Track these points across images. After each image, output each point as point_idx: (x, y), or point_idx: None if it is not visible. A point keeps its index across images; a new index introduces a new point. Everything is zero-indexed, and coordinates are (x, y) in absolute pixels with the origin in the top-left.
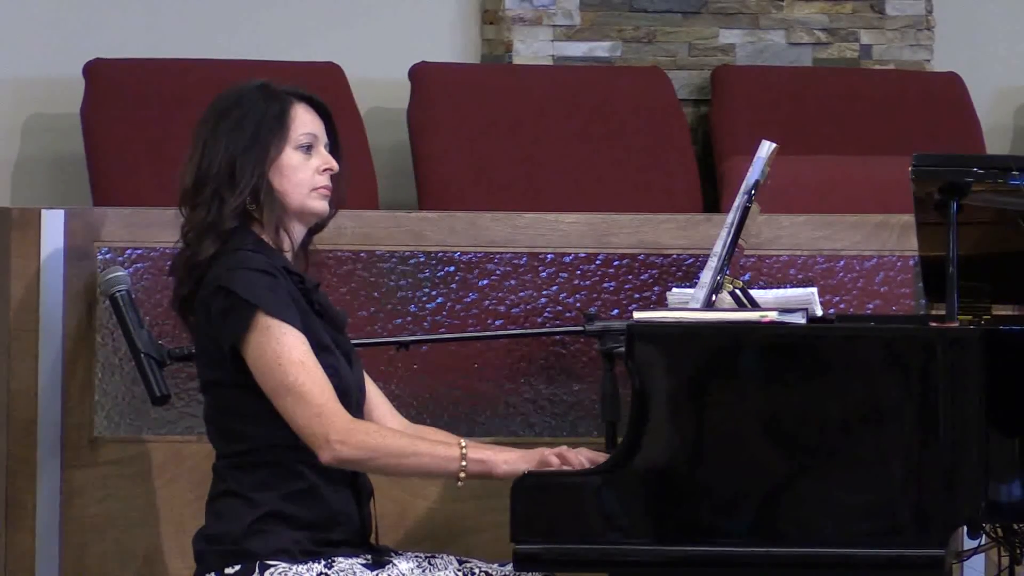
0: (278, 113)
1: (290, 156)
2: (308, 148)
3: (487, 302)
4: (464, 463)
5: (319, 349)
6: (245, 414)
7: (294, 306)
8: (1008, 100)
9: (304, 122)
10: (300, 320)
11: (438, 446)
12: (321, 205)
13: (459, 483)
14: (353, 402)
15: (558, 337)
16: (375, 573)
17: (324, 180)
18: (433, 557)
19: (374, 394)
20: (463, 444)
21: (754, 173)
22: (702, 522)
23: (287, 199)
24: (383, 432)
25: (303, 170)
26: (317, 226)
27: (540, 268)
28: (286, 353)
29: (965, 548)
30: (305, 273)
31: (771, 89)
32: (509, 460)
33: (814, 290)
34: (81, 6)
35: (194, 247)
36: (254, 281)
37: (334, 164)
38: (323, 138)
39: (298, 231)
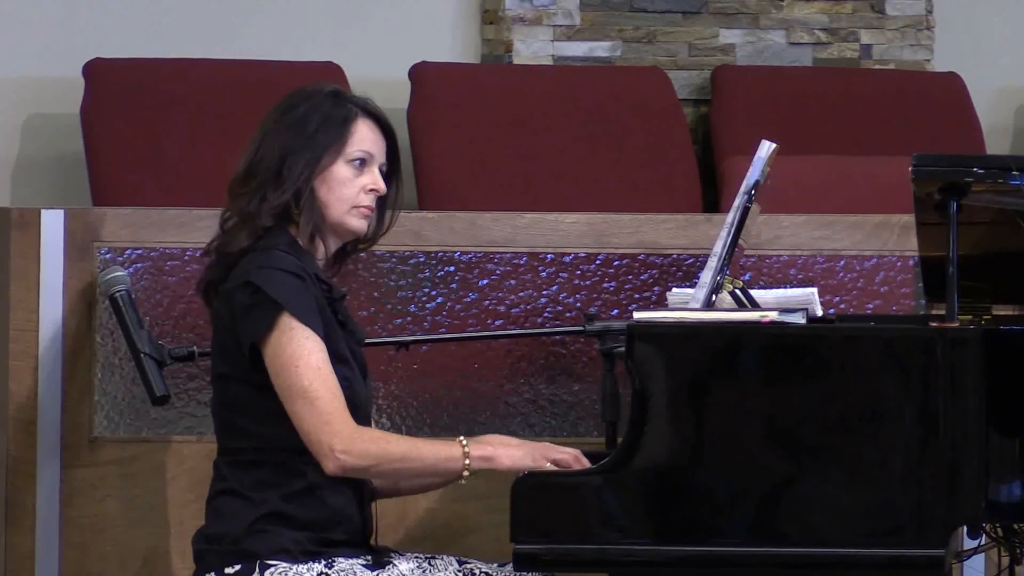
0: (340, 123)
1: (340, 169)
2: (361, 164)
3: (487, 302)
4: (468, 461)
5: (337, 360)
6: (252, 412)
7: (319, 313)
8: (1008, 100)
9: (363, 138)
10: (323, 328)
11: (440, 446)
12: (359, 224)
13: (463, 480)
14: (362, 415)
15: (558, 337)
16: (375, 573)
17: (368, 200)
18: (433, 558)
19: None
20: (464, 442)
21: (754, 173)
22: (702, 522)
23: (327, 211)
24: (387, 438)
25: (349, 186)
26: (354, 245)
27: (540, 268)
28: (305, 357)
29: (965, 548)
30: (333, 283)
31: (771, 89)
32: (511, 456)
33: (814, 290)
34: (81, 6)
35: (229, 236)
36: (283, 281)
37: (381, 186)
38: (379, 158)
39: (332, 243)
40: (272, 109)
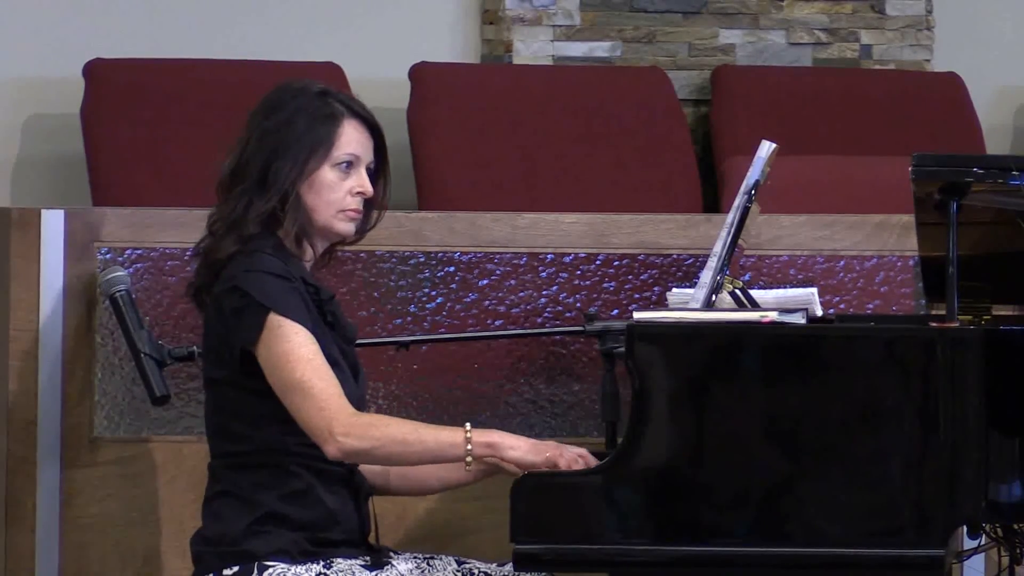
0: (326, 125)
1: (326, 173)
2: (348, 167)
3: (487, 302)
4: (470, 447)
5: (327, 362)
6: (245, 415)
7: (306, 311)
8: (1008, 100)
9: (350, 140)
10: (312, 329)
11: (442, 431)
12: (346, 227)
13: (467, 467)
14: None
15: (558, 337)
16: (374, 574)
17: (355, 203)
18: (432, 558)
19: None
20: (468, 428)
21: (754, 173)
22: (702, 522)
23: (314, 215)
24: (387, 421)
25: (336, 190)
26: (340, 243)
27: (540, 268)
28: (294, 351)
29: (965, 548)
30: (319, 282)
31: (771, 89)
32: (516, 447)
33: (814, 290)
34: (81, 6)
35: (217, 241)
36: (269, 284)
37: (368, 188)
38: (366, 158)
39: (319, 245)
40: (259, 106)
